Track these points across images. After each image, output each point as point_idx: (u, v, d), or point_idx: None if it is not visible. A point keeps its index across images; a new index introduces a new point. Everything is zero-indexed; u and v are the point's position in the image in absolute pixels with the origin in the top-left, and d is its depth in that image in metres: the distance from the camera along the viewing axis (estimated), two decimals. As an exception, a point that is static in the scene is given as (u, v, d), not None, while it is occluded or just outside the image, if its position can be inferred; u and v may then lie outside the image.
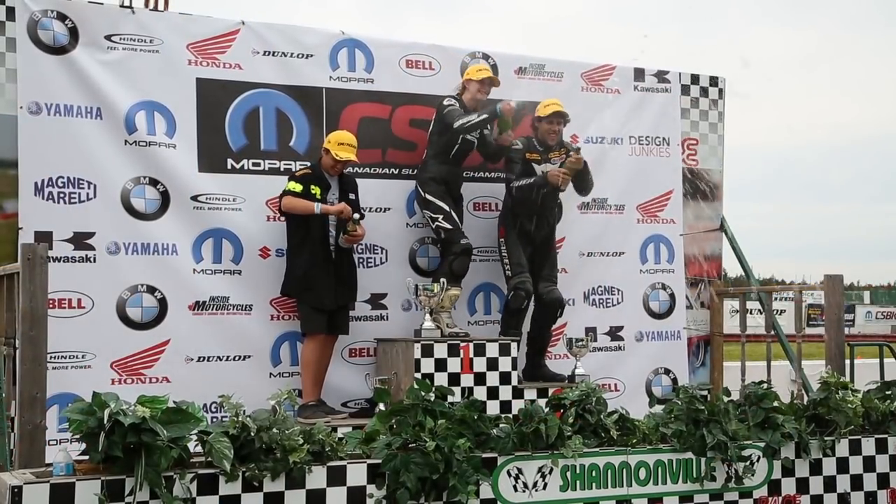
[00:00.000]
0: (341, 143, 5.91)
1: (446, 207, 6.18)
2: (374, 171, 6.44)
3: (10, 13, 5.58)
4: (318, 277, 5.80)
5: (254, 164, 6.14)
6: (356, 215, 5.86)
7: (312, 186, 5.83)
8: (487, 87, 6.34)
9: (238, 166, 6.08)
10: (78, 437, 3.72)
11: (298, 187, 5.80)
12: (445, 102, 6.28)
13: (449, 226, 6.18)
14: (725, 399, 4.92)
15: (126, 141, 5.78)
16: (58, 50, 5.66)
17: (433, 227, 6.28)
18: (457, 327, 6.15)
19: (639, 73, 7.30)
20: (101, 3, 5.85)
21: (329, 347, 5.97)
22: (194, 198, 5.92)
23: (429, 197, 6.24)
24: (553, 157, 6.50)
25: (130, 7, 5.98)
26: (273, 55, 6.21)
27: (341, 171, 5.99)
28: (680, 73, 7.47)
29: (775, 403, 4.98)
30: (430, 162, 6.31)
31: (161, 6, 6.10)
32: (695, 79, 7.53)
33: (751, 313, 7.48)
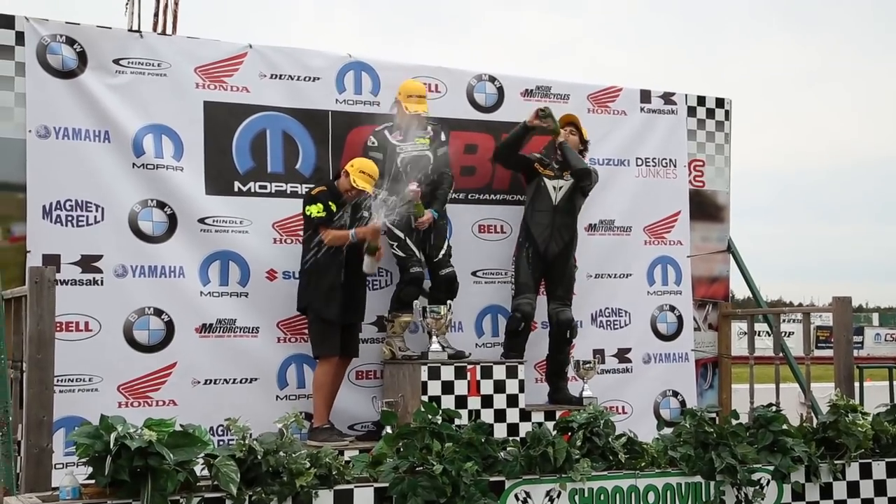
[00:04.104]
0: (363, 172, 5.90)
1: (401, 235, 6.13)
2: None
3: (20, 38, 5.62)
4: (336, 295, 5.81)
5: (260, 187, 6.16)
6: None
7: (330, 202, 5.85)
8: (415, 121, 6.23)
9: (245, 189, 6.11)
10: (84, 460, 3.73)
11: (320, 208, 5.80)
12: (369, 143, 6.18)
13: (402, 254, 6.16)
14: (734, 422, 4.91)
15: (134, 164, 5.82)
16: (66, 74, 5.70)
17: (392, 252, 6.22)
18: (409, 350, 6.12)
19: (645, 95, 7.33)
20: (110, 28, 5.91)
21: (342, 370, 5.98)
22: (201, 220, 5.94)
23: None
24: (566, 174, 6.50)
25: (139, 31, 6.07)
26: (280, 78, 6.25)
27: (355, 198, 6.01)
28: (686, 95, 7.48)
29: (784, 426, 4.98)
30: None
31: (169, 30, 6.17)
32: (701, 100, 7.55)
33: (759, 335, 7.47)
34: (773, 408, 5.11)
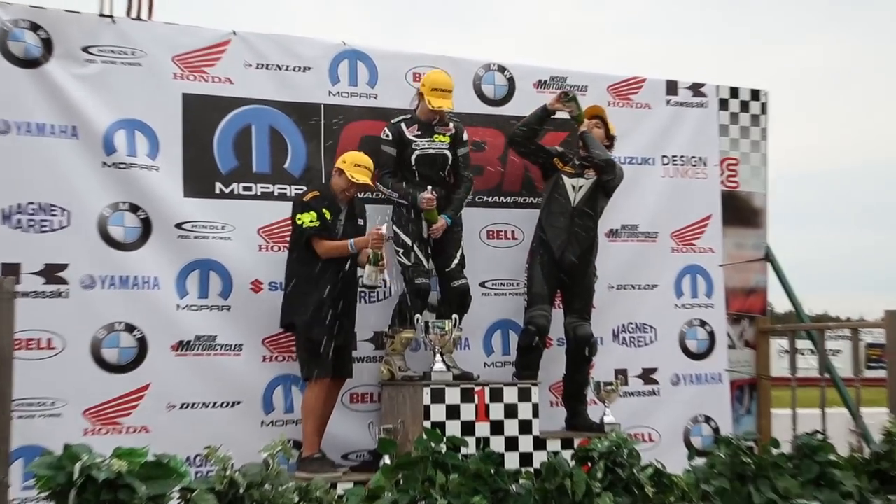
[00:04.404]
0: (358, 165, 5.90)
1: (408, 241, 6.11)
2: (378, 195, 6.41)
3: (-22, 24, 5.62)
4: (327, 311, 5.79)
5: (245, 189, 6.15)
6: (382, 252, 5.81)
7: (323, 210, 5.80)
8: (437, 117, 6.26)
9: (227, 191, 6.09)
10: (46, 494, 3.68)
11: (313, 216, 5.76)
12: (383, 135, 6.20)
13: (407, 262, 6.12)
14: (775, 451, 4.87)
15: (104, 163, 5.80)
16: (30, 63, 5.69)
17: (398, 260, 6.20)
18: (410, 370, 6.07)
19: (671, 87, 7.31)
20: (79, 12, 5.90)
21: (335, 393, 5.96)
22: (179, 225, 5.92)
23: (395, 227, 6.21)
24: (587, 172, 6.46)
25: (110, 16, 6.05)
26: (267, 68, 6.24)
27: (353, 196, 5.94)
28: (717, 86, 7.49)
29: (831, 457, 4.94)
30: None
31: (144, 15, 6.16)
32: (734, 92, 7.54)
33: (801, 354, 7.43)
34: (819, 436, 5.07)
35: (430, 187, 6.09)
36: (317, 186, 6.01)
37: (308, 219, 5.77)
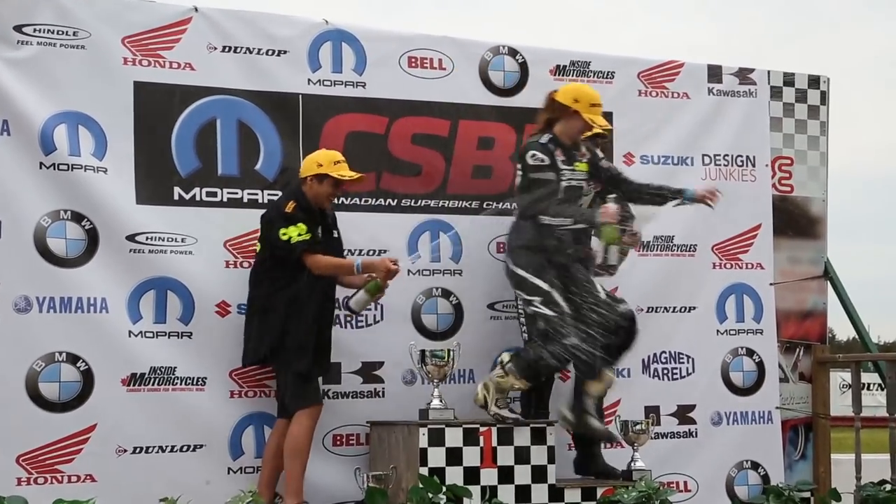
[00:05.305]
0: (338, 162, 5.95)
1: (545, 286, 6.00)
2: (366, 201, 6.47)
3: None
4: (316, 339, 5.88)
5: (209, 194, 6.17)
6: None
7: (309, 222, 5.89)
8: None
9: (188, 196, 6.12)
10: (-27, 555, 3.72)
11: (303, 229, 5.80)
12: (529, 158, 6.13)
13: (549, 312, 5.97)
14: (834, 504, 4.88)
15: (42, 164, 5.81)
16: (-49, 45, 5.72)
17: (527, 311, 6.15)
18: (509, 411, 6.06)
19: (714, 72, 7.34)
20: (10, -15, 5.92)
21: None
22: (131, 237, 5.94)
23: (520, 272, 6.10)
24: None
25: (49, -11, 6.05)
26: (235, 52, 6.27)
27: (330, 205, 6.04)
28: (769, 72, 7.49)
29: (901, 510, 4.94)
30: (520, 223, 6.20)
31: (89, -12, 6.16)
32: (789, 79, 7.56)
33: (868, 389, 7.45)
34: (888, 486, 5.06)
35: (611, 202, 6.00)
36: (289, 195, 6.00)
37: (296, 232, 5.80)
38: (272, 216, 5.93)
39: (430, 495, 4.33)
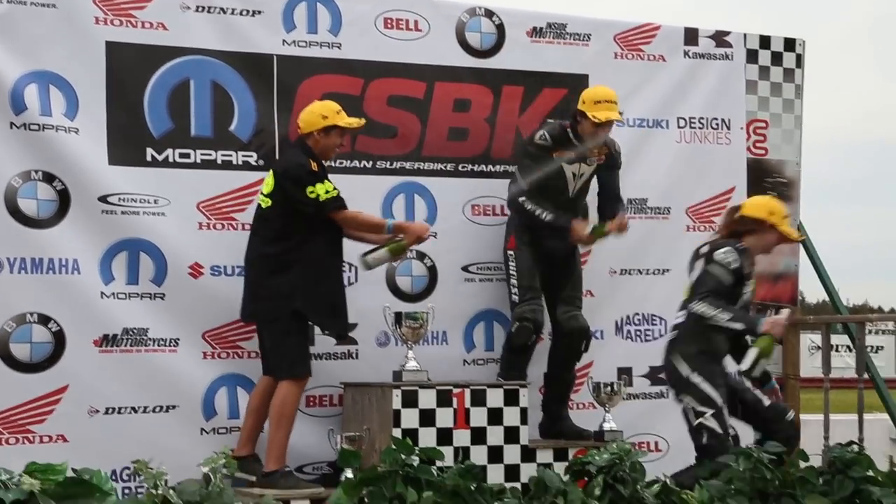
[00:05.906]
0: (340, 112, 5.96)
1: (719, 401, 5.89)
2: (341, 163, 6.45)
3: None
4: (341, 297, 5.95)
5: (182, 156, 6.16)
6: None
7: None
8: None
9: (161, 158, 6.11)
10: (-58, 518, 3.71)
11: (329, 186, 5.82)
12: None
13: (719, 429, 5.88)
14: (803, 465, 4.91)
15: (12, 123, 5.79)
16: (-81, 5, 5.69)
17: (691, 421, 6.03)
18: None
19: (691, 35, 7.34)
20: (-22, -59, 5.88)
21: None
22: (103, 198, 5.94)
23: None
24: (591, 155, 6.53)
25: (18, -54, 6.00)
26: (208, 11, 6.24)
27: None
28: (745, 35, 7.51)
29: (869, 472, 4.95)
30: (693, 328, 6.08)
31: (59, -55, 6.10)
32: (764, 42, 7.58)
33: (837, 350, 7.51)
34: (855, 447, 5.10)
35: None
36: (303, 152, 5.90)
37: (323, 190, 5.79)
38: (299, 174, 5.82)
39: (403, 456, 4.34)
